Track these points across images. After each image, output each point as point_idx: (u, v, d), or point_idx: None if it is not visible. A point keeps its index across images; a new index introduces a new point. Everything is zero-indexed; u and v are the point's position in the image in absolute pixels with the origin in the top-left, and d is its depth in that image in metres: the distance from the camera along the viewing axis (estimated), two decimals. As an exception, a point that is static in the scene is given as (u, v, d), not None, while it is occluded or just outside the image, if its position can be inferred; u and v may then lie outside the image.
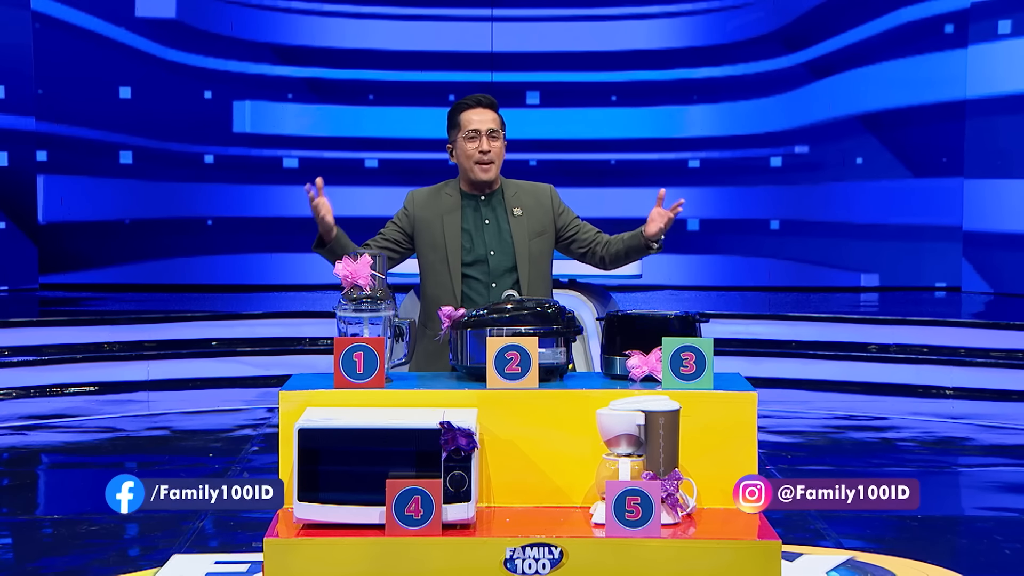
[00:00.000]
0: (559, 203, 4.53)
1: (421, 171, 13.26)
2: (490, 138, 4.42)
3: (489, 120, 4.43)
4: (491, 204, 4.50)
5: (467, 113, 4.45)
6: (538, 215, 4.48)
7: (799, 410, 9.19)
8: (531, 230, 4.46)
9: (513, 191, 4.51)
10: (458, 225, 4.47)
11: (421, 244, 4.51)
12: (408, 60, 13.31)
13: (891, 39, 13.03)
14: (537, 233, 4.47)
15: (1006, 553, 5.74)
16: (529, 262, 4.44)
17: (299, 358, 10.10)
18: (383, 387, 3.50)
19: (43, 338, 9.98)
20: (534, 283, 4.44)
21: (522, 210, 4.47)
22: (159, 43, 13.03)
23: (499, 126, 4.46)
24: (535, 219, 4.47)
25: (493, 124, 4.43)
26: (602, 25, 13.38)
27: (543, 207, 4.49)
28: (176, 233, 13.24)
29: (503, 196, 4.50)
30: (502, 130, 4.48)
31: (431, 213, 4.49)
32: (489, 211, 4.49)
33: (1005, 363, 9.73)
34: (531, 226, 4.46)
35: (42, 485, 7.39)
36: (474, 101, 4.46)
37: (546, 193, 4.53)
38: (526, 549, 3.15)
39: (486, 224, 4.47)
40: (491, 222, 4.47)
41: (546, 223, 4.49)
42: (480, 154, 4.42)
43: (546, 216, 4.49)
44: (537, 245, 4.47)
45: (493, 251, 4.45)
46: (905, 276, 13.17)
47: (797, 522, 5.91)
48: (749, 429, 3.47)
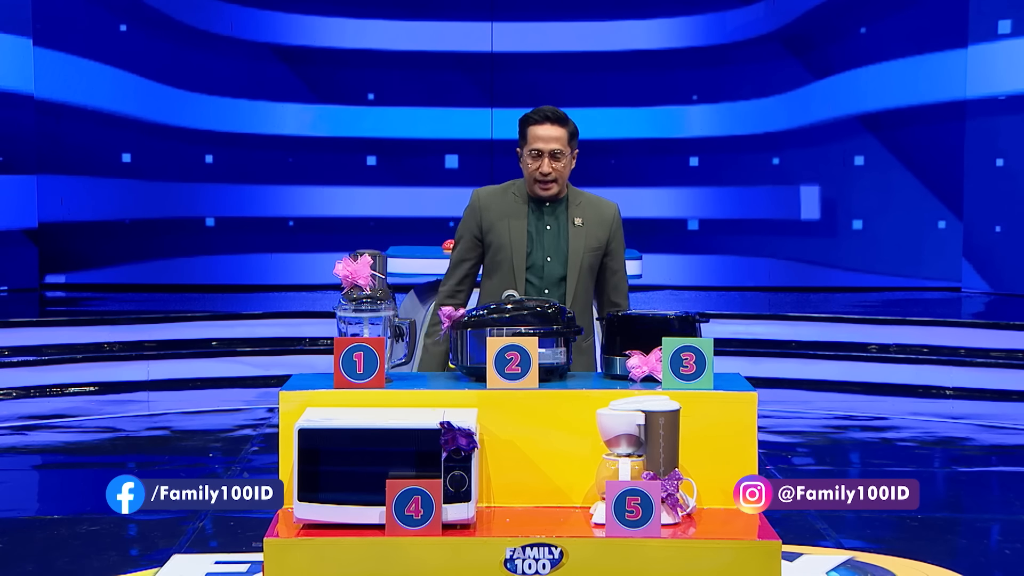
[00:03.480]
0: (619, 226, 4.51)
1: (421, 171, 13.27)
2: (552, 159, 4.39)
3: (553, 140, 4.38)
4: (555, 212, 4.48)
5: (533, 128, 4.41)
6: (597, 231, 4.46)
7: (799, 410, 9.19)
8: (588, 243, 4.44)
9: (578, 201, 4.48)
10: (524, 228, 4.45)
11: (488, 242, 4.48)
12: (408, 60, 13.31)
13: (891, 39, 13.03)
14: (593, 248, 4.45)
15: (1006, 553, 5.74)
16: (580, 273, 4.43)
17: (299, 358, 10.10)
18: (383, 387, 3.50)
19: (43, 338, 9.98)
20: (580, 296, 4.42)
21: (583, 221, 4.45)
22: (158, 43, 13.05)
23: (564, 144, 4.40)
24: (593, 233, 4.45)
25: (557, 144, 4.38)
26: (602, 25, 13.37)
27: (604, 223, 4.47)
28: (176, 233, 13.23)
29: (567, 205, 4.48)
30: (569, 146, 4.42)
31: (497, 214, 4.48)
32: (552, 218, 4.47)
33: (1005, 363, 9.73)
34: (588, 239, 4.45)
35: (43, 485, 7.40)
36: (542, 116, 4.41)
37: (611, 211, 4.51)
38: (526, 549, 3.15)
39: (547, 230, 4.46)
40: (552, 228, 4.46)
41: (602, 240, 4.47)
42: (540, 175, 4.40)
43: (604, 233, 4.47)
44: (590, 259, 4.45)
45: (550, 258, 4.45)
46: (905, 276, 13.17)
47: (797, 522, 5.91)
48: (749, 429, 3.47)
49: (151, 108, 13.06)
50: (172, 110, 13.11)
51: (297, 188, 13.33)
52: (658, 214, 13.44)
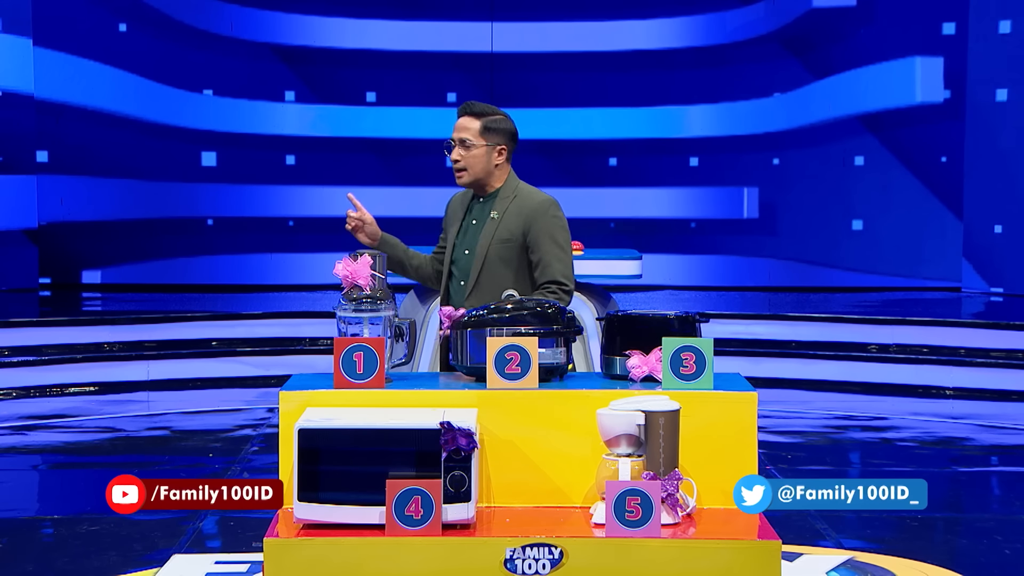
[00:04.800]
0: (542, 220, 4.41)
1: (421, 171, 13.27)
2: (461, 147, 4.46)
3: (463, 129, 4.47)
4: (484, 206, 4.54)
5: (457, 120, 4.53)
6: (512, 223, 4.44)
7: (799, 410, 9.19)
8: (498, 235, 4.44)
9: (510, 195, 4.49)
10: (459, 225, 4.57)
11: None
12: (408, 60, 13.31)
13: (891, 39, 13.03)
14: (503, 239, 4.43)
15: (1006, 553, 5.74)
16: (483, 265, 4.44)
17: (299, 358, 10.10)
18: (383, 387, 3.50)
19: (43, 338, 9.98)
20: (483, 287, 4.43)
21: (499, 214, 4.47)
22: (159, 40, 13.05)
23: (473, 135, 4.45)
24: (507, 226, 4.44)
25: (466, 134, 4.45)
26: (602, 25, 13.37)
27: (522, 214, 4.44)
28: (176, 233, 13.24)
29: (497, 199, 4.51)
30: (481, 138, 4.46)
31: (453, 214, 4.62)
32: (480, 212, 4.53)
33: (1005, 363, 9.73)
34: (500, 231, 4.44)
35: (43, 485, 7.40)
36: (462, 109, 4.53)
37: (534, 206, 4.44)
38: (526, 549, 3.15)
39: (473, 224, 4.54)
40: (477, 223, 4.53)
41: (515, 231, 4.43)
42: (452, 161, 4.50)
43: (518, 225, 4.43)
44: (497, 250, 4.43)
45: (467, 250, 4.51)
46: (905, 276, 13.17)
47: (797, 522, 5.91)
48: (749, 429, 3.47)
49: (151, 108, 13.06)
50: (172, 110, 13.11)
51: (297, 188, 13.33)
52: (658, 214, 13.44)
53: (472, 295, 4.43)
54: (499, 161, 4.48)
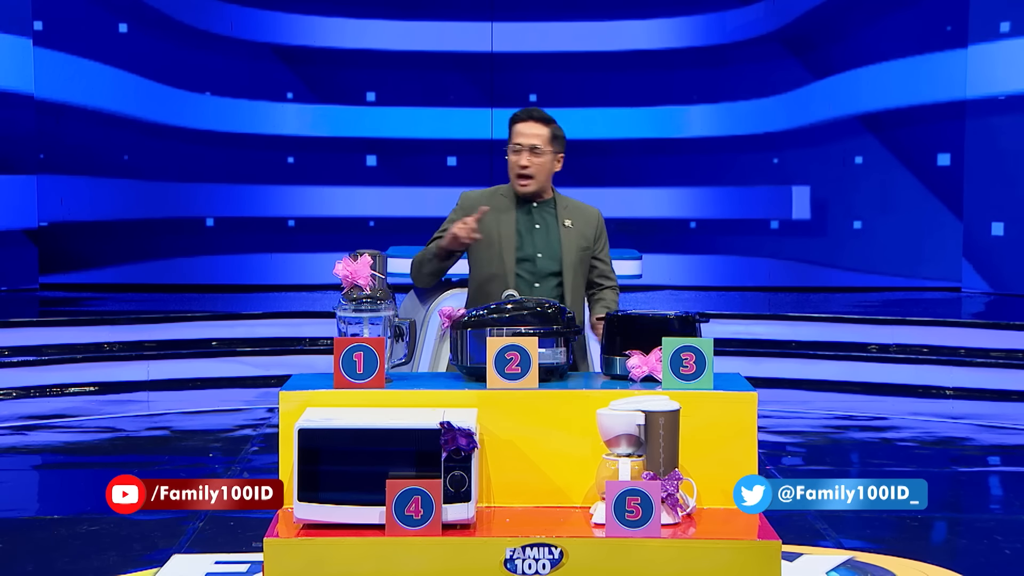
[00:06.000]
0: (603, 230, 4.73)
1: (421, 171, 13.27)
2: (531, 154, 4.49)
3: (534, 136, 4.52)
4: (543, 212, 4.62)
5: (517, 126, 4.57)
6: (585, 232, 4.64)
7: (799, 410, 9.19)
8: (578, 243, 4.60)
9: (565, 205, 4.65)
10: (513, 224, 4.57)
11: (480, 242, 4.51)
12: (408, 60, 13.30)
13: (891, 39, 13.03)
14: (582, 248, 4.62)
15: (1006, 553, 5.74)
16: (574, 270, 4.59)
17: (299, 358, 10.10)
18: (383, 387, 3.50)
19: (43, 338, 9.98)
20: (575, 291, 4.59)
21: (572, 223, 4.61)
22: (158, 41, 13.05)
23: (544, 142, 4.53)
24: (582, 234, 4.63)
25: (536, 140, 4.52)
26: (602, 25, 13.37)
27: (590, 226, 4.66)
28: (176, 233, 13.23)
29: (555, 207, 4.62)
30: (550, 146, 4.55)
31: (489, 213, 4.55)
32: (540, 218, 4.61)
33: (1005, 363, 9.73)
34: (579, 239, 4.61)
35: (43, 485, 7.40)
36: (526, 114, 4.58)
37: (595, 216, 4.70)
38: (526, 549, 3.15)
39: (536, 228, 4.59)
40: (541, 227, 4.60)
41: (590, 240, 4.65)
42: (519, 168, 4.51)
43: (591, 235, 4.65)
44: (581, 256, 4.61)
45: (541, 254, 4.57)
46: (905, 276, 13.17)
47: (797, 522, 5.91)
48: (749, 429, 3.47)
49: (151, 108, 13.06)
50: (172, 110, 13.11)
51: (297, 188, 13.33)
52: (658, 214, 13.44)
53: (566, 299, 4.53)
54: (558, 169, 4.65)
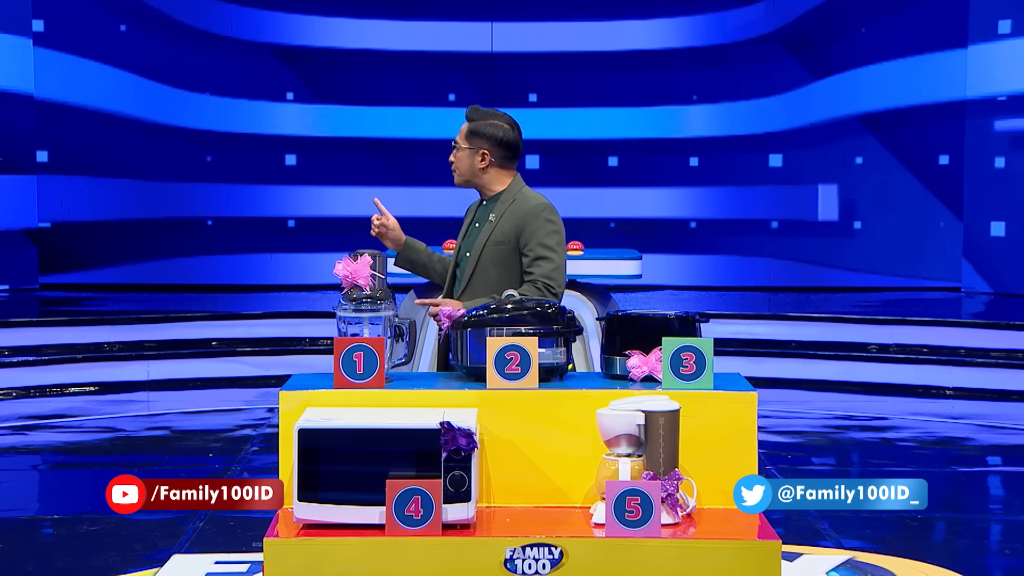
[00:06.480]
0: (534, 223, 4.42)
1: (421, 171, 13.26)
2: (455, 149, 4.57)
3: (459, 131, 4.58)
4: (486, 210, 4.58)
5: None
6: (507, 226, 4.46)
7: (799, 410, 9.19)
8: (493, 237, 4.47)
9: (507, 199, 4.52)
10: (465, 225, 4.65)
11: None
12: (408, 60, 13.30)
13: (891, 39, 13.03)
14: (497, 242, 4.46)
15: (1006, 553, 5.74)
16: (476, 266, 4.48)
17: (299, 358, 10.10)
18: (383, 387, 3.50)
19: (43, 338, 9.98)
20: (475, 288, 4.45)
21: (497, 217, 4.50)
22: (158, 40, 13.05)
23: (461, 138, 4.56)
24: (501, 228, 4.46)
25: (458, 136, 4.57)
26: (602, 25, 13.37)
27: (515, 217, 4.45)
28: (176, 233, 13.23)
29: (498, 202, 4.54)
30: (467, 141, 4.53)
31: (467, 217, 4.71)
32: (481, 215, 4.59)
33: (1005, 363, 9.73)
34: (495, 233, 4.47)
35: (43, 485, 7.39)
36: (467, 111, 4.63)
37: (527, 209, 4.45)
38: (526, 549, 3.15)
39: (474, 227, 4.59)
40: (478, 225, 4.58)
41: (509, 233, 4.45)
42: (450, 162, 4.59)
43: (512, 227, 4.44)
44: (490, 252, 4.46)
45: (468, 252, 4.55)
46: (905, 276, 13.17)
47: (797, 522, 5.91)
48: (749, 429, 3.47)
49: (151, 108, 13.06)
50: (172, 110, 13.11)
51: (297, 188, 13.33)
52: (658, 214, 13.44)
53: (464, 295, 4.48)
54: (482, 165, 4.51)
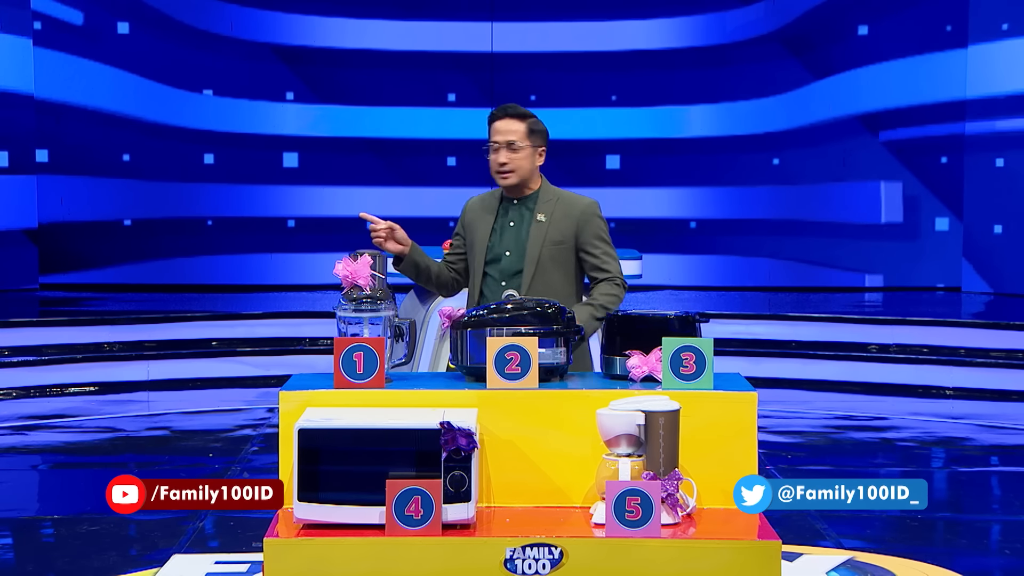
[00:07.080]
0: (593, 222, 4.47)
1: (421, 171, 13.27)
2: (508, 150, 4.46)
3: (510, 132, 4.46)
4: (521, 209, 4.53)
5: (494, 124, 4.52)
6: (562, 225, 4.47)
7: (799, 410, 9.19)
8: (550, 237, 4.46)
9: (549, 198, 4.52)
10: (490, 224, 4.54)
11: (468, 243, 4.58)
12: (408, 60, 13.31)
13: (891, 39, 13.03)
14: (555, 242, 4.46)
15: (1006, 553, 5.74)
16: (537, 267, 4.45)
17: (299, 358, 10.10)
18: (383, 387, 3.50)
19: (43, 338, 9.98)
20: (536, 288, 4.44)
21: (547, 217, 4.48)
22: (158, 41, 13.05)
23: (520, 137, 4.47)
24: (557, 228, 4.47)
25: (513, 136, 4.46)
26: (602, 25, 13.37)
27: (570, 217, 4.47)
28: (176, 233, 13.24)
29: (537, 201, 4.52)
30: (528, 140, 4.48)
31: (475, 215, 4.59)
32: (517, 214, 4.53)
33: (1005, 363, 9.73)
34: (551, 233, 4.46)
35: (43, 485, 7.40)
36: (502, 112, 4.52)
37: (580, 207, 4.49)
38: (526, 549, 3.15)
39: (511, 226, 4.52)
40: (516, 224, 4.51)
41: (567, 233, 4.46)
42: (498, 165, 4.48)
43: (569, 227, 4.46)
44: (550, 252, 4.46)
45: (509, 251, 4.49)
46: (905, 276, 13.17)
47: (797, 522, 5.91)
48: (749, 429, 3.47)
49: (151, 108, 13.07)
50: (172, 110, 13.11)
51: (297, 188, 13.33)
52: (658, 214, 13.44)
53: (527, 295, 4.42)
54: (540, 162, 4.54)
